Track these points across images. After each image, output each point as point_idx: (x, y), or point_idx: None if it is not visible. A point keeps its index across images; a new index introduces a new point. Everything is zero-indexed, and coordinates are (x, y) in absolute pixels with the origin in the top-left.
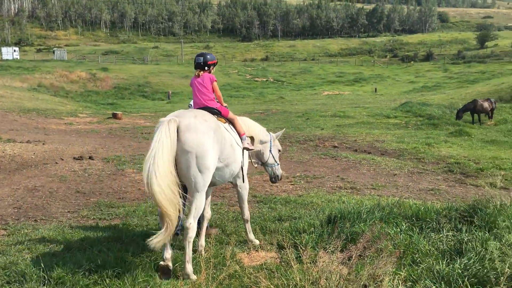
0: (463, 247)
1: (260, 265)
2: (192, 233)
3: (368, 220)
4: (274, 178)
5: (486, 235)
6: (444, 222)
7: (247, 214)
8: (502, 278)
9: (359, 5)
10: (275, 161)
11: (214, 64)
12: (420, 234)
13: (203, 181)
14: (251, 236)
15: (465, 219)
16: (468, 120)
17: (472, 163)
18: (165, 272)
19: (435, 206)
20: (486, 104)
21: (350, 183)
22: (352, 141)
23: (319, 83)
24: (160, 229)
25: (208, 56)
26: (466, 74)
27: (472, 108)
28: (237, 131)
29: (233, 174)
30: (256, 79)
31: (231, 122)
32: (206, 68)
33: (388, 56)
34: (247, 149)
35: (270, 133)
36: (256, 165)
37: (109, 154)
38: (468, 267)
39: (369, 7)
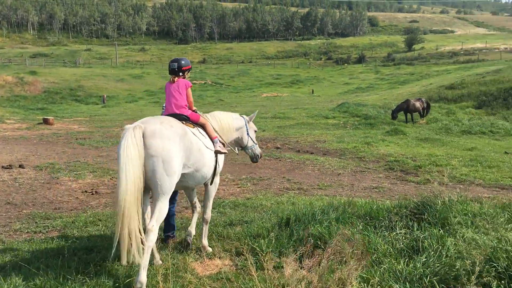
0: (420, 245)
1: (216, 274)
2: (153, 236)
3: (324, 222)
4: (255, 158)
5: (440, 231)
6: (396, 220)
7: (209, 214)
8: (472, 277)
9: (293, 9)
10: (254, 142)
11: (189, 70)
12: (375, 234)
13: (169, 185)
14: (205, 241)
15: (416, 216)
16: (402, 119)
17: (410, 160)
18: None
19: (385, 204)
20: (418, 104)
21: (296, 184)
22: (294, 142)
23: (257, 85)
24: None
25: (182, 62)
26: (396, 75)
27: (406, 107)
28: (208, 135)
29: (206, 177)
30: (194, 81)
31: (202, 126)
32: (180, 73)
33: (323, 59)
34: (220, 152)
35: (244, 116)
36: (237, 151)
37: (41, 161)
38: (428, 266)
39: (303, 10)
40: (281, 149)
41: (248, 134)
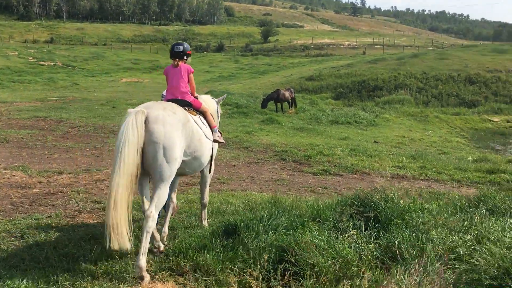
0: (397, 251)
1: None
2: (152, 222)
3: (278, 227)
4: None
5: (413, 235)
6: (345, 220)
7: (206, 198)
8: None
9: None
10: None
11: (189, 55)
12: (334, 239)
13: (169, 172)
14: (205, 222)
15: (362, 215)
16: (272, 108)
17: (296, 150)
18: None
19: (327, 202)
20: (287, 94)
21: (195, 178)
22: None
23: (114, 69)
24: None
25: (186, 45)
26: (255, 65)
27: (276, 97)
28: (208, 123)
29: (203, 165)
30: (42, 63)
31: (202, 114)
32: (185, 57)
33: None
34: (217, 141)
35: (214, 98)
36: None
37: None
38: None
39: None
40: None
41: (218, 117)
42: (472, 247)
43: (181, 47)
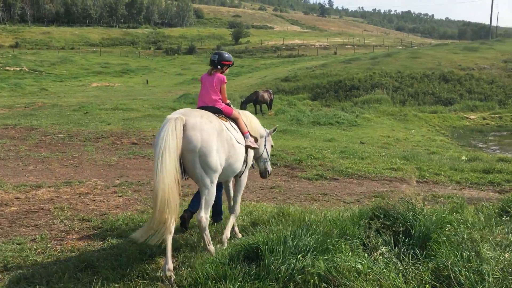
0: (451, 275)
1: None
2: (205, 224)
3: (303, 251)
4: (264, 173)
5: (469, 254)
6: (373, 236)
7: (238, 208)
8: None
9: None
10: (268, 156)
11: (229, 65)
12: (371, 261)
13: (209, 179)
14: (228, 232)
15: (389, 229)
16: (251, 111)
17: (284, 154)
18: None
19: (345, 215)
20: (266, 95)
21: (187, 188)
22: (151, 136)
23: (84, 74)
24: None
25: (226, 55)
26: None
27: (255, 99)
28: (240, 129)
29: (236, 171)
30: (8, 68)
31: (234, 120)
32: (219, 67)
33: (152, 48)
34: (250, 147)
35: (265, 128)
36: (251, 163)
37: None
38: None
39: None
40: (139, 145)
41: (265, 146)
42: None
43: (216, 56)
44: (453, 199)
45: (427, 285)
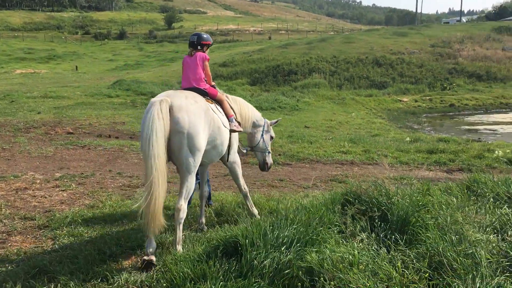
0: (444, 261)
1: None
2: (183, 214)
3: (285, 243)
4: (263, 166)
5: (454, 238)
6: (350, 222)
7: (244, 189)
8: None
9: None
10: (266, 148)
11: (208, 45)
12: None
13: (193, 162)
14: (254, 210)
15: (366, 214)
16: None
17: None
18: (148, 267)
19: (318, 202)
20: None
21: (136, 179)
22: (88, 125)
23: (5, 60)
24: None
25: (204, 36)
26: (161, 53)
27: None
28: (225, 112)
29: (221, 154)
30: None
31: (219, 103)
32: (199, 47)
33: (80, 33)
34: (234, 131)
35: (265, 119)
36: (244, 151)
37: None
38: None
39: None
40: (75, 134)
41: (262, 136)
42: None
43: (195, 37)
44: (408, 180)
45: (426, 275)
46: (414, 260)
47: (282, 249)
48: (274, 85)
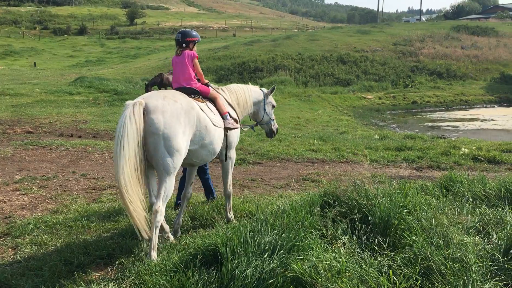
0: (433, 266)
1: None
2: (160, 217)
3: (268, 250)
4: (270, 134)
5: (439, 241)
6: (330, 225)
7: (229, 189)
8: None
9: None
10: (270, 118)
11: (195, 42)
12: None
13: (172, 164)
14: (231, 215)
15: (346, 216)
16: None
17: None
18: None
19: (298, 204)
20: (171, 78)
21: (102, 180)
22: (48, 124)
23: None
24: None
25: (189, 32)
26: (124, 49)
27: (159, 81)
28: (218, 110)
29: (214, 153)
30: None
31: (212, 101)
32: (184, 45)
33: (38, 28)
34: (229, 128)
35: (263, 89)
36: (245, 129)
37: None
38: None
39: None
40: (36, 134)
41: (265, 109)
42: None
43: (180, 35)
44: (380, 178)
45: (418, 282)
46: (402, 266)
47: (265, 256)
48: (240, 82)
